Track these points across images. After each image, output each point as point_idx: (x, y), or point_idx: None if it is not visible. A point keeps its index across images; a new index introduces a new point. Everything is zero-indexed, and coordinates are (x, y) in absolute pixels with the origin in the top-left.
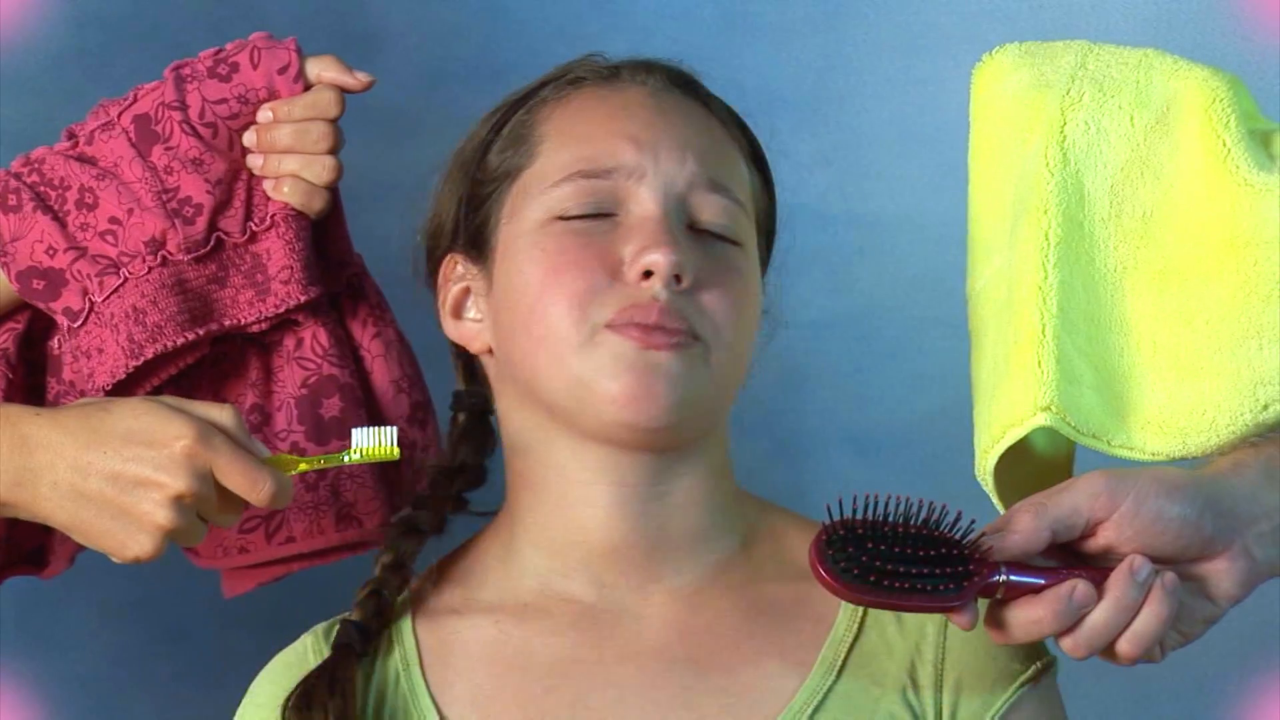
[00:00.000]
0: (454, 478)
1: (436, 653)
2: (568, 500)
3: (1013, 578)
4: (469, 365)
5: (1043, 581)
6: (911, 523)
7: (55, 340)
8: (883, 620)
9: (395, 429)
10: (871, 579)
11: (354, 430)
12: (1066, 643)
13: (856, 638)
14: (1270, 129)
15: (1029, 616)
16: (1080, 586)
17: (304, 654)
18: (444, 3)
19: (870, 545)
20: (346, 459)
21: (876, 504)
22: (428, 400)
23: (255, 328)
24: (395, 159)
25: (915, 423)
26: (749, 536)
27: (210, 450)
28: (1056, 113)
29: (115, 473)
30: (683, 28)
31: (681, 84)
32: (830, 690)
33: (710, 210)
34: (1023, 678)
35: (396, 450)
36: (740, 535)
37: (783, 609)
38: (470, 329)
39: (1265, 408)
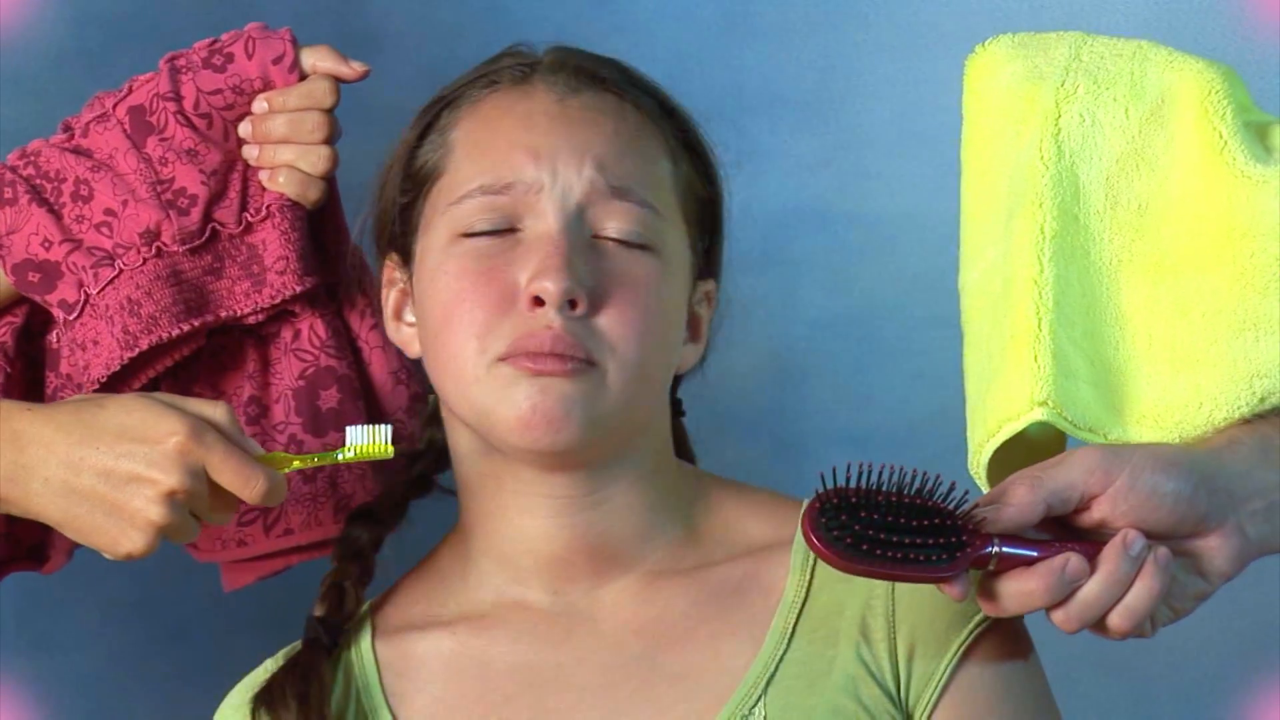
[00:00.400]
0: (414, 461)
1: (396, 669)
2: (508, 511)
3: (1005, 549)
4: None
5: (1035, 554)
6: (905, 492)
7: (53, 334)
8: (831, 580)
9: (390, 427)
10: (864, 548)
11: (348, 429)
12: (1058, 615)
13: (804, 602)
14: (1266, 121)
15: (1021, 588)
16: (1073, 560)
17: (264, 671)
18: (444, 3)
19: (863, 514)
20: (340, 457)
21: (870, 473)
22: (425, 393)
23: (252, 319)
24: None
25: (915, 422)
26: (693, 517)
27: (203, 447)
28: (1051, 105)
29: (107, 469)
30: (683, 28)
31: (593, 80)
32: (783, 658)
33: (613, 217)
34: (977, 618)
35: (390, 449)
36: (684, 519)
37: (732, 587)
38: (407, 334)
39: (1262, 400)
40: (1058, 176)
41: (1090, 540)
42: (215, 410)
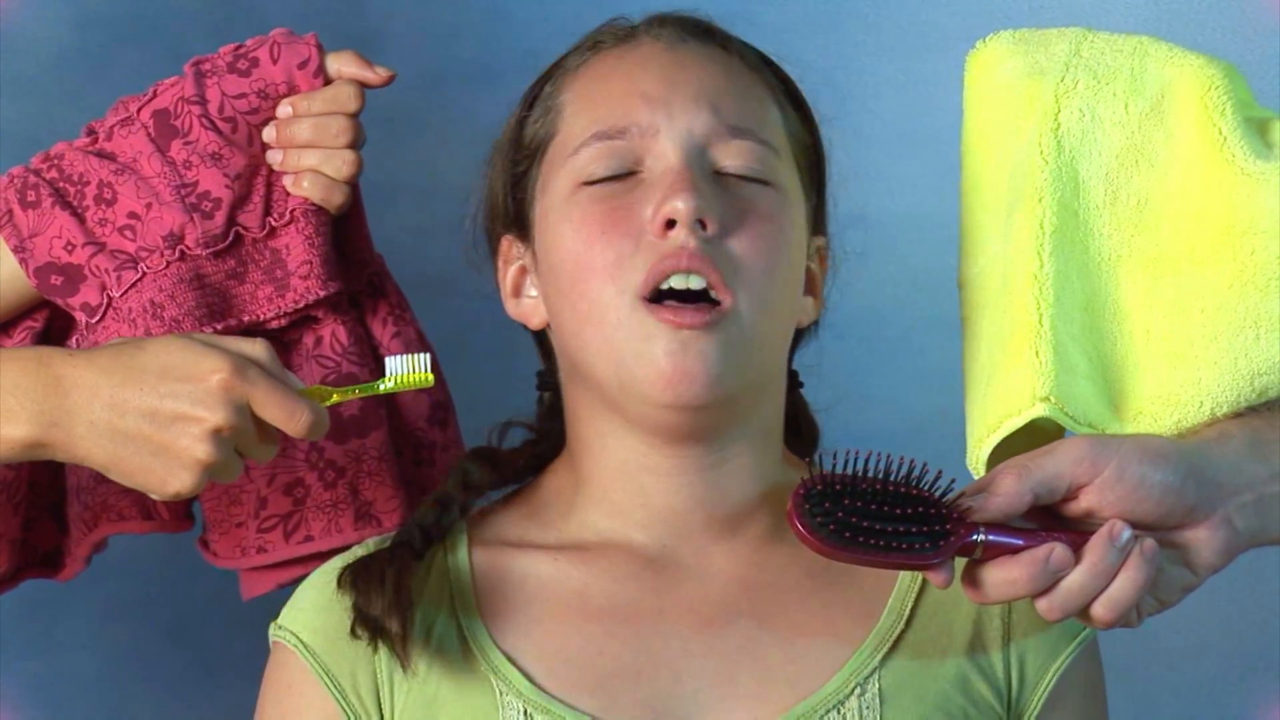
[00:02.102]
0: (537, 444)
1: (491, 581)
2: (628, 468)
3: (990, 538)
4: (543, 343)
5: (1020, 543)
6: (891, 480)
7: (73, 339)
8: None
9: (428, 355)
10: (848, 535)
11: (388, 359)
12: (1041, 604)
13: (922, 590)
14: (1267, 117)
15: (1005, 577)
16: (1058, 550)
17: (349, 557)
18: (444, 3)
19: (847, 501)
20: (381, 387)
21: (857, 460)
22: (448, 400)
23: (274, 324)
24: (396, 159)
25: (915, 422)
26: None
27: (246, 383)
28: (1051, 100)
29: (152, 409)
30: None
31: (699, 32)
32: (900, 637)
33: (734, 155)
34: (1083, 634)
35: (430, 376)
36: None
37: (844, 564)
38: (528, 305)
39: (1261, 395)
40: (1057, 172)
41: (1077, 530)
42: (255, 347)
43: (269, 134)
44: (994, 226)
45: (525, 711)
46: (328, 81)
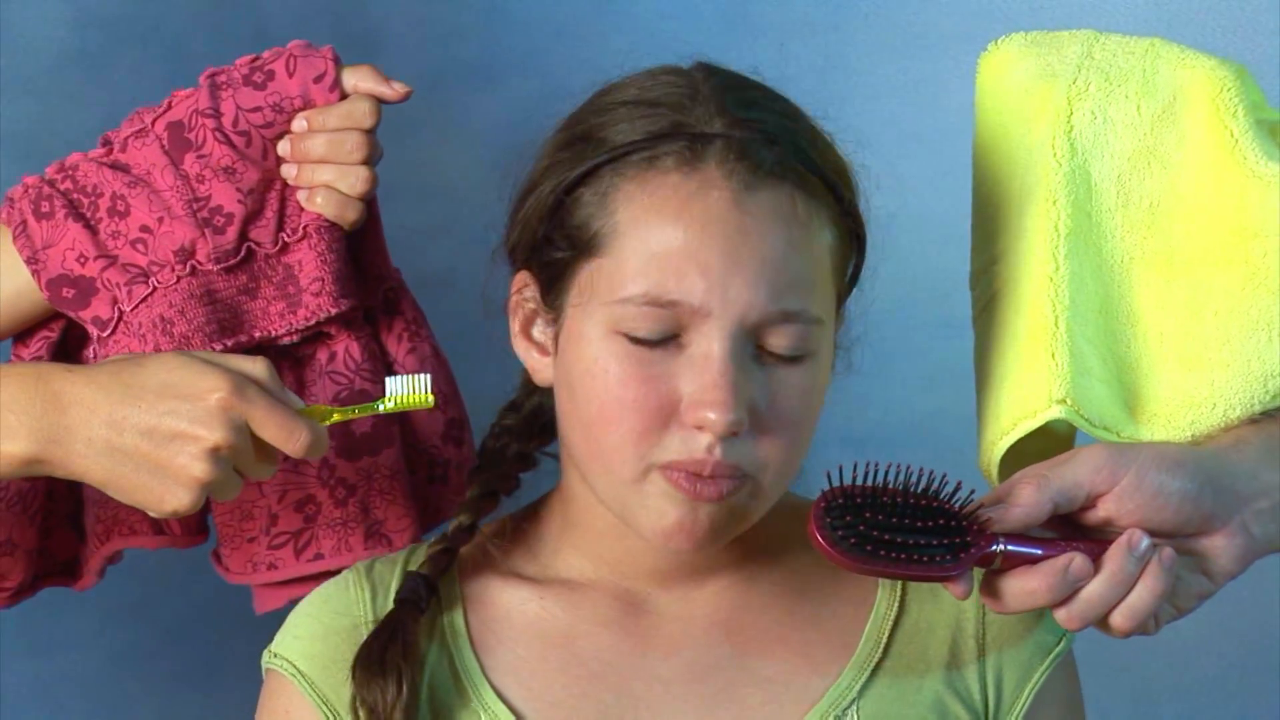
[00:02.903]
0: (530, 436)
1: (480, 613)
2: (618, 531)
3: (1010, 548)
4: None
5: (1040, 552)
6: (910, 492)
7: (90, 350)
8: (922, 597)
9: (429, 376)
10: (868, 548)
11: (388, 379)
12: (1060, 614)
13: (898, 617)
14: (1278, 119)
15: (1025, 587)
16: (1077, 560)
17: (345, 588)
18: (444, 3)
19: (868, 514)
20: (381, 408)
21: (876, 472)
22: (464, 417)
23: (286, 339)
24: (396, 160)
25: (915, 424)
26: (779, 527)
27: (245, 402)
28: (1063, 102)
29: (151, 427)
30: (683, 28)
31: (769, 174)
32: (878, 666)
33: (782, 338)
34: (1056, 650)
35: (431, 398)
36: (774, 526)
37: (822, 594)
38: (536, 361)
39: (1274, 397)
40: (1071, 174)
41: (1096, 539)
42: (255, 365)
43: (283, 148)
44: (1006, 229)
45: None
46: (343, 95)
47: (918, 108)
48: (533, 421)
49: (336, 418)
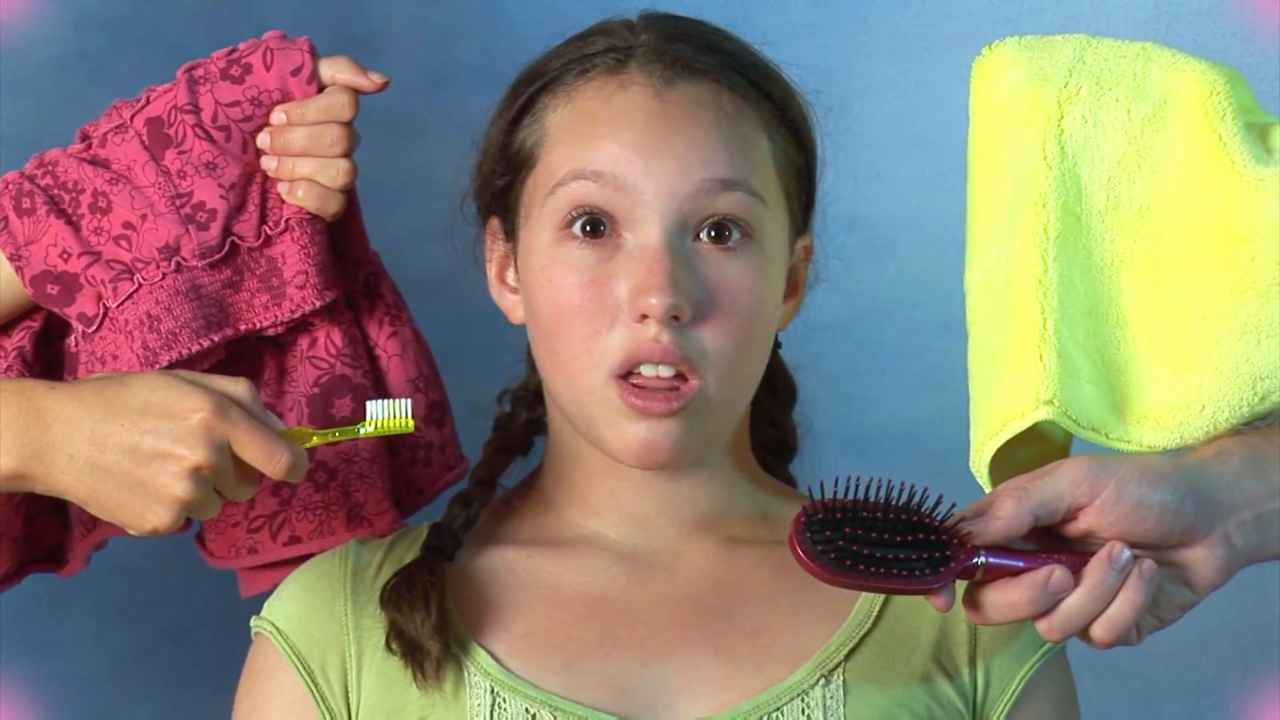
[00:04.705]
0: (538, 402)
1: (464, 575)
2: (601, 473)
3: (991, 560)
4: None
5: (1021, 564)
6: (892, 505)
7: (71, 338)
8: None
9: (410, 401)
10: (848, 562)
11: (369, 403)
12: (1041, 625)
13: (889, 596)
14: (1268, 122)
15: (1005, 599)
16: (1057, 573)
17: (331, 558)
18: (444, 5)
19: (848, 529)
20: (362, 432)
21: (858, 486)
22: (445, 400)
23: (270, 331)
24: (396, 161)
25: (915, 425)
26: (764, 495)
27: (227, 422)
28: (1054, 106)
29: (133, 445)
30: None
31: (691, 70)
32: (866, 636)
33: (717, 212)
34: (1048, 643)
35: (411, 423)
36: (759, 496)
37: None
38: (509, 300)
39: (1262, 399)
40: (1060, 177)
41: (1077, 551)
42: (237, 387)
43: (263, 140)
44: (999, 232)
45: (492, 690)
46: (321, 87)
47: (918, 109)
48: (540, 393)
49: (316, 441)
